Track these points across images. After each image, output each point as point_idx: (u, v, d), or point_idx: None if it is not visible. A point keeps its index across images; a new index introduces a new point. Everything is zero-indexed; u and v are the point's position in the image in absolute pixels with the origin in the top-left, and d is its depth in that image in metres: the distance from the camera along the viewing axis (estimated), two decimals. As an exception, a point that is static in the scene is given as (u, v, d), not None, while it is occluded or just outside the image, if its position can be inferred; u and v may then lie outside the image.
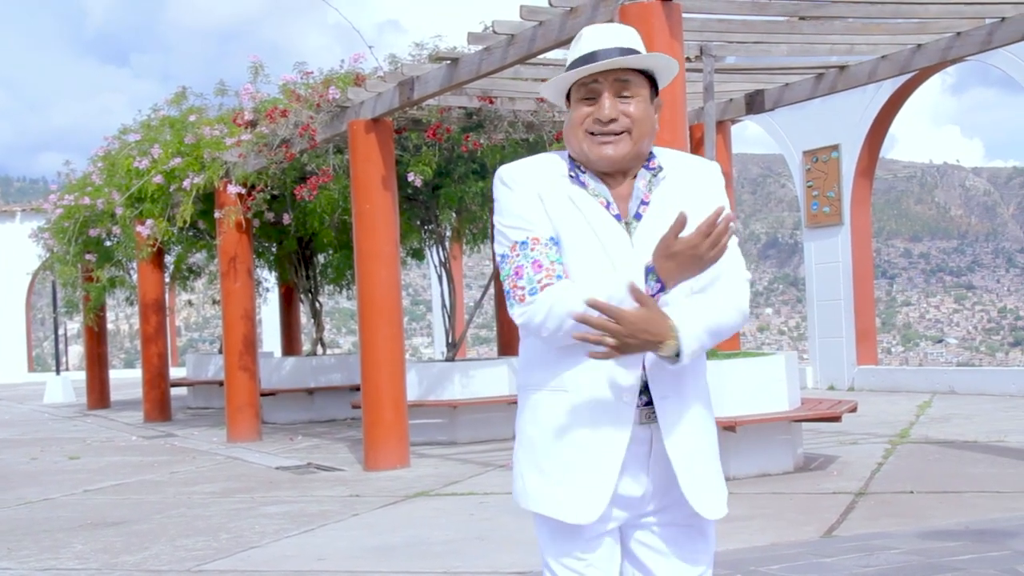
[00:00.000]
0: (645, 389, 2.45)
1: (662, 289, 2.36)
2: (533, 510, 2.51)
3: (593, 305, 2.30)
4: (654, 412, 2.44)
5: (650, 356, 2.41)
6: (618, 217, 2.46)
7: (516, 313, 2.44)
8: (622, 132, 2.43)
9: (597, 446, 2.43)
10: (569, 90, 2.51)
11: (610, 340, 2.30)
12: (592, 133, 2.44)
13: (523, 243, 2.43)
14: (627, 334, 2.29)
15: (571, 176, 2.49)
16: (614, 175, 2.49)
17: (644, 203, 2.48)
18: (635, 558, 2.57)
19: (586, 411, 2.43)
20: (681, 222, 2.33)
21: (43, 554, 6.61)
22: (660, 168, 2.51)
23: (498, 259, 2.50)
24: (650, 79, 2.50)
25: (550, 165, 2.51)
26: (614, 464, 2.43)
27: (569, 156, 2.53)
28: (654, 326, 2.31)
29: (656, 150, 2.55)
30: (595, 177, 2.49)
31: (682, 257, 2.33)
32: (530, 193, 2.46)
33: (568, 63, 2.50)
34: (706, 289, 2.44)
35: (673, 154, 2.58)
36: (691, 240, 2.32)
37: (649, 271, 2.35)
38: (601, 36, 2.46)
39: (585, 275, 2.41)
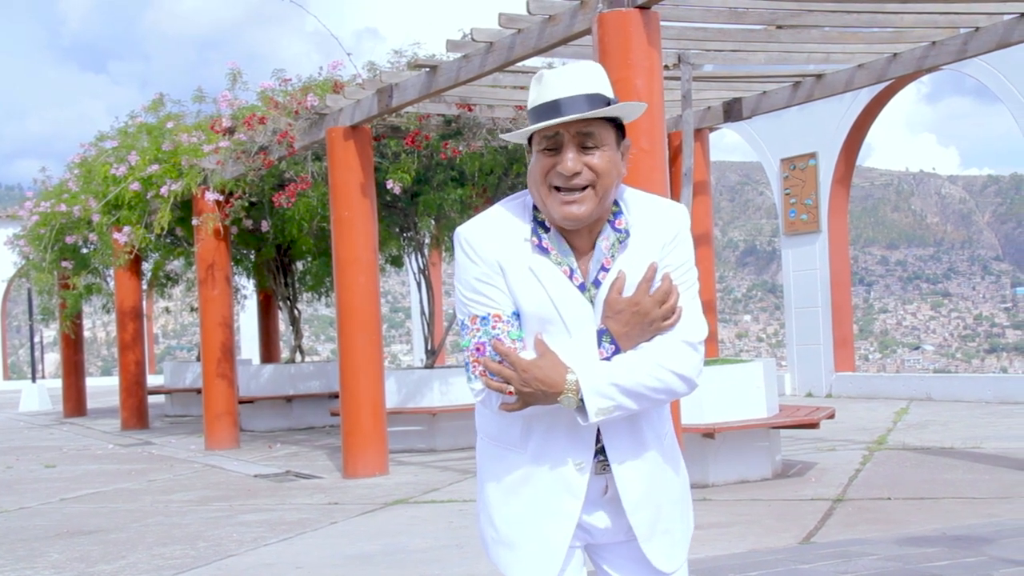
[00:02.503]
0: (603, 450, 2.42)
1: (617, 351, 2.34)
2: (491, 561, 2.53)
3: (495, 348, 2.33)
4: (608, 463, 2.42)
5: (605, 423, 2.37)
6: (582, 287, 2.38)
7: (475, 388, 2.41)
8: (586, 187, 2.32)
9: (548, 512, 2.42)
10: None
11: (508, 387, 2.31)
12: (555, 188, 2.34)
13: (484, 318, 2.38)
14: (520, 381, 2.30)
15: (534, 242, 2.39)
16: (578, 229, 2.40)
17: (604, 269, 2.39)
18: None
19: (539, 475, 2.42)
20: (620, 281, 2.34)
21: (19, 563, 6.55)
22: (627, 234, 2.40)
23: (457, 321, 2.46)
24: (615, 122, 2.39)
25: (512, 227, 2.41)
26: (565, 531, 2.42)
27: (533, 207, 2.43)
28: (548, 376, 2.29)
29: (625, 197, 2.46)
30: (559, 237, 2.40)
31: (627, 315, 2.33)
32: (491, 266, 2.38)
33: (529, 106, 2.37)
34: (640, 347, 2.37)
35: (639, 203, 2.46)
36: (633, 298, 2.33)
37: (602, 333, 2.35)
38: (564, 82, 2.32)
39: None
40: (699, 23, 8.14)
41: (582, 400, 2.29)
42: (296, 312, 15.75)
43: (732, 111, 10.85)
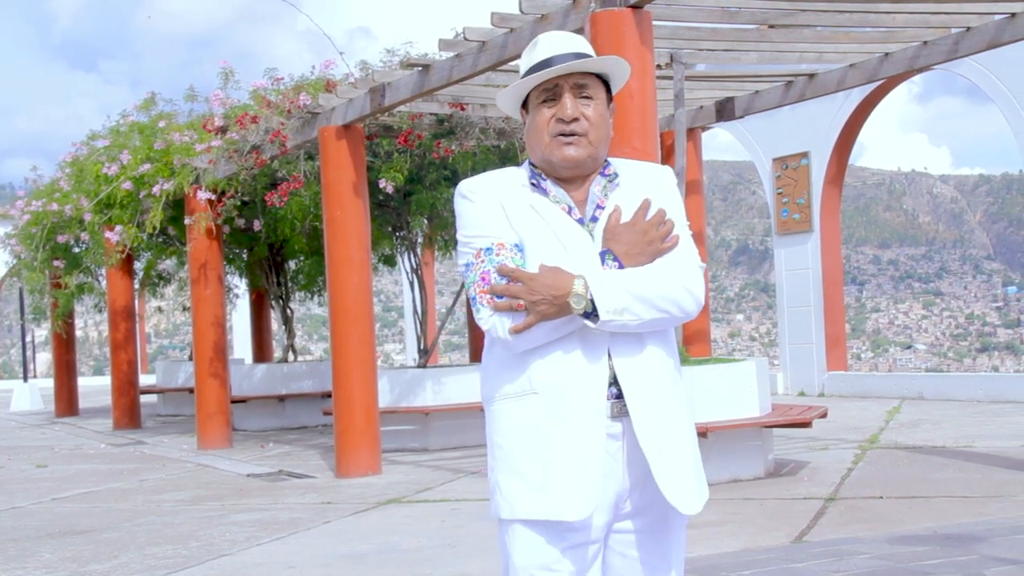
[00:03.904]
0: (616, 382, 2.46)
1: (621, 268, 2.43)
2: (521, 518, 2.46)
3: (500, 271, 2.41)
4: (625, 406, 2.45)
5: (616, 346, 2.44)
6: (580, 221, 2.51)
7: (483, 317, 2.45)
8: (583, 134, 2.49)
9: (575, 442, 2.41)
10: (526, 98, 2.60)
11: (518, 302, 2.37)
12: (556, 135, 2.50)
13: (488, 249, 2.47)
14: (529, 292, 2.37)
15: (532, 184, 2.54)
16: (573, 180, 2.55)
17: (600, 207, 2.53)
18: (607, 565, 2.56)
19: (558, 410, 2.43)
20: (617, 212, 2.46)
21: (9, 563, 6.54)
22: (616, 175, 2.58)
23: (462, 269, 2.53)
24: (605, 84, 2.58)
25: (510, 176, 2.58)
26: (595, 456, 2.42)
27: (530, 164, 2.60)
28: (555, 282, 2.37)
29: (614, 160, 2.63)
30: (556, 184, 2.55)
31: (627, 235, 2.44)
32: (491, 202, 2.52)
33: (523, 71, 2.58)
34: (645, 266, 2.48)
35: (627, 163, 2.65)
36: (631, 221, 2.45)
37: (605, 254, 2.44)
38: (556, 43, 2.54)
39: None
40: (691, 22, 8.16)
41: (592, 304, 2.36)
42: (288, 311, 15.73)
43: (724, 110, 10.86)
